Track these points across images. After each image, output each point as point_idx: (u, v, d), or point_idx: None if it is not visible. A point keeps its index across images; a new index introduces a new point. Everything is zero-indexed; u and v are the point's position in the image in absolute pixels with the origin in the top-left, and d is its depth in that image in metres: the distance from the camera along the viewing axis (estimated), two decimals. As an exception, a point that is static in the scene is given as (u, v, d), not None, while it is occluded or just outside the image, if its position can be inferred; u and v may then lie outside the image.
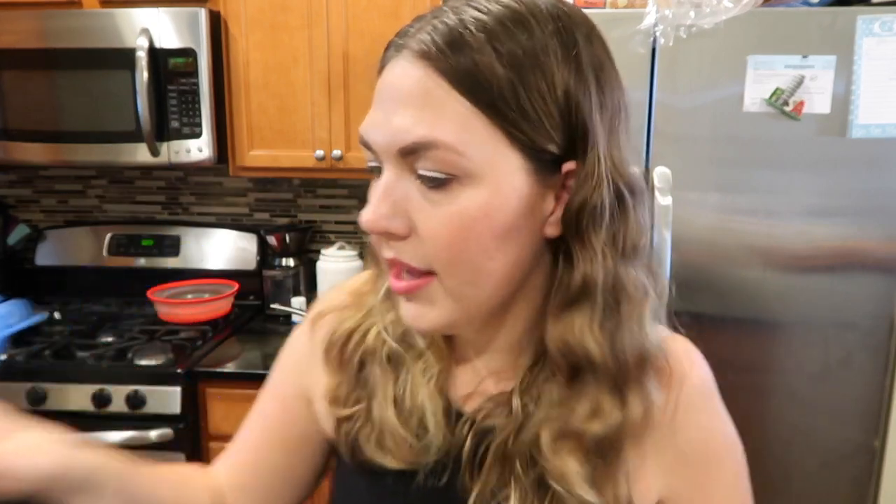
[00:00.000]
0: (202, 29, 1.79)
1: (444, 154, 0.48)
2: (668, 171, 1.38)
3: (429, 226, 0.49)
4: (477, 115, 0.48)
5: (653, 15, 1.34)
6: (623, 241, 0.52)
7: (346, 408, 0.62)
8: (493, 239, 0.50)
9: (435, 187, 0.49)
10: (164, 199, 2.30)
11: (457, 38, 0.48)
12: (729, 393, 1.57)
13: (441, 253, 0.50)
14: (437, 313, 0.53)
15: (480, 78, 0.47)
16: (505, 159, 0.49)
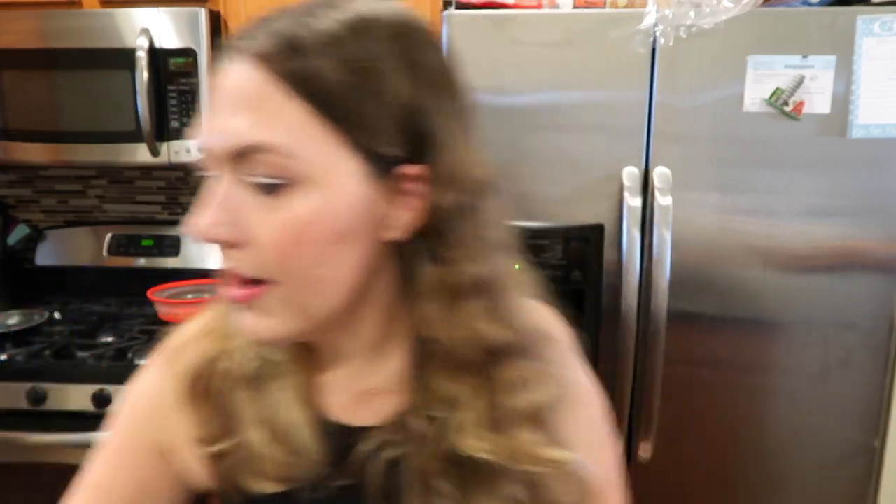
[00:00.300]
0: (202, 29, 1.79)
1: (277, 158, 0.47)
2: (668, 171, 1.38)
3: (262, 232, 0.48)
4: (314, 119, 0.47)
5: (653, 15, 1.34)
6: (487, 234, 0.54)
7: (218, 444, 0.58)
8: (329, 244, 0.49)
9: (269, 193, 0.48)
10: (164, 199, 2.30)
11: (297, 42, 0.47)
12: (729, 393, 1.58)
13: (275, 260, 0.49)
14: (275, 323, 0.52)
15: (318, 82, 0.47)
16: (342, 164, 0.49)
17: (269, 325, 0.52)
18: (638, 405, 1.47)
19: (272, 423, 0.57)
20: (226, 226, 0.49)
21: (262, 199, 0.48)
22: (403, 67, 0.50)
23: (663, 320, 1.40)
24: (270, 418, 0.57)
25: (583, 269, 1.44)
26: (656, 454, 1.48)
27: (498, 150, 1.42)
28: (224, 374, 0.59)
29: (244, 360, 0.58)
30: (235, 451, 0.58)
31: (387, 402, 0.58)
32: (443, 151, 0.51)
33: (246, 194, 0.49)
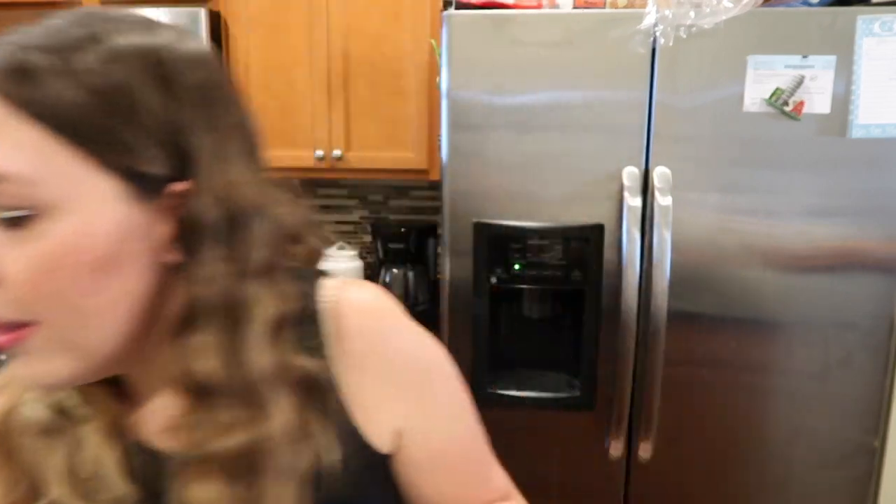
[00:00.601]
0: (202, 29, 1.79)
1: (16, 188, 0.44)
2: (668, 171, 1.38)
3: (14, 270, 0.44)
4: (57, 143, 0.44)
5: (653, 15, 1.34)
6: (244, 259, 0.50)
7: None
8: (92, 273, 0.46)
9: (15, 226, 0.44)
10: (163, 199, 2.30)
11: (29, 63, 0.45)
12: (729, 393, 1.58)
13: (33, 297, 0.45)
14: (52, 366, 0.48)
15: (58, 104, 0.44)
16: (94, 187, 0.46)
17: (46, 370, 0.48)
18: (638, 405, 1.47)
19: (77, 473, 0.53)
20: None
21: (8, 234, 0.44)
22: (157, 87, 0.47)
23: (663, 320, 1.40)
24: (75, 468, 0.53)
25: (583, 269, 1.44)
26: (656, 454, 1.48)
27: (498, 150, 1.43)
28: (22, 428, 0.55)
29: (38, 409, 0.54)
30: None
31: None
32: (205, 169, 0.49)
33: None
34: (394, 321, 0.59)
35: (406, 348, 0.59)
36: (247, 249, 0.51)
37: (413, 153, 1.90)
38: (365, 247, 2.28)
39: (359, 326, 0.57)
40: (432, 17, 1.80)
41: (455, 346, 1.50)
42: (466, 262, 1.47)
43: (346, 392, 0.56)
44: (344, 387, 0.56)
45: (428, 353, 0.61)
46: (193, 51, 0.51)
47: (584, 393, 1.49)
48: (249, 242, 0.51)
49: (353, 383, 0.56)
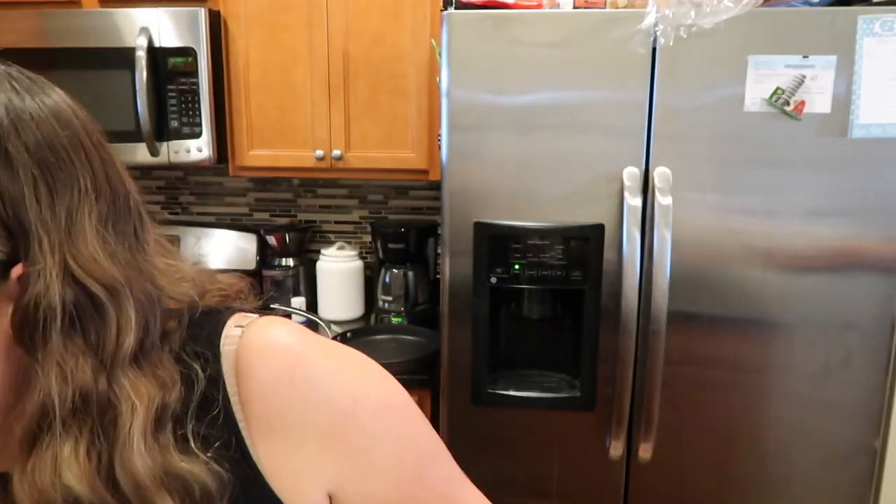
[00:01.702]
0: (202, 28, 1.79)
1: None
2: (669, 171, 1.38)
3: None
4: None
5: (653, 15, 1.34)
6: (101, 346, 0.44)
7: None
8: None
9: None
10: (163, 199, 2.30)
11: None
12: (729, 393, 1.58)
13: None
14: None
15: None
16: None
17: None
18: (638, 405, 1.47)
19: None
20: None
21: None
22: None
23: (663, 320, 1.40)
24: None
25: (583, 269, 1.44)
26: (656, 454, 1.48)
27: (498, 150, 1.42)
28: None
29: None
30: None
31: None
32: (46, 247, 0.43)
33: None
34: (310, 368, 0.51)
35: (328, 398, 0.51)
36: (106, 336, 0.44)
37: (413, 153, 1.90)
38: (365, 247, 2.28)
39: (264, 386, 0.49)
40: (432, 16, 1.80)
41: (455, 346, 1.50)
42: (466, 262, 1.47)
43: (262, 460, 0.49)
44: (259, 454, 0.49)
45: (358, 396, 0.52)
46: (35, 108, 0.45)
47: (584, 393, 1.49)
48: (108, 328, 0.45)
49: (268, 450, 0.49)
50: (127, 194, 0.49)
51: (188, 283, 0.53)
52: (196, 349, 0.50)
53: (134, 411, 0.44)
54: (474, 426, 1.52)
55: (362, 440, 0.51)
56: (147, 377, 0.46)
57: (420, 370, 1.73)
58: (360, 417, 0.51)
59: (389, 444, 0.53)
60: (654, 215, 1.37)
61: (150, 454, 0.44)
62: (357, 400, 0.52)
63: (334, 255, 2.10)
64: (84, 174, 0.46)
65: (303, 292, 2.16)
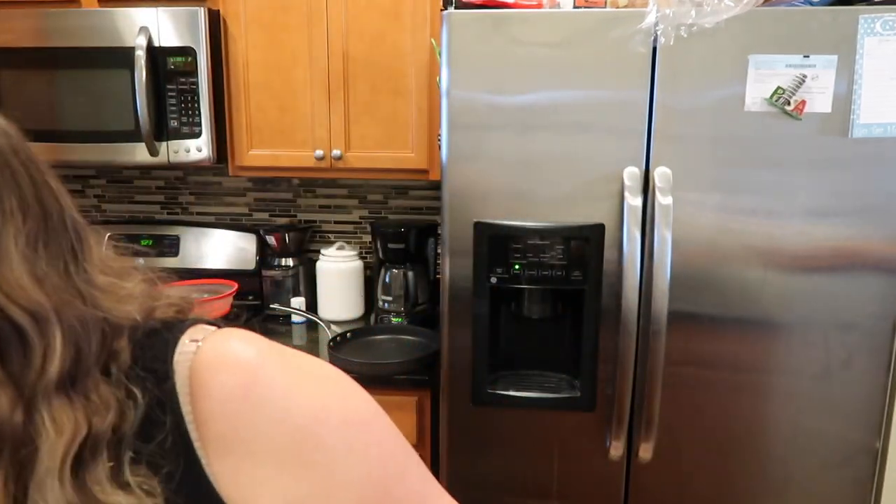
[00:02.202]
0: (201, 28, 1.79)
1: None
2: (669, 171, 1.38)
3: None
4: None
5: (653, 14, 1.34)
6: (22, 376, 0.42)
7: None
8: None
9: None
10: (163, 199, 2.30)
11: None
12: (729, 393, 1.58)
13: None
14: None
15: None
16: None
17: None
18: (638, 405, 1.46)
19: None
20: None
21: None
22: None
23: (663, 320, 1.39)
24: None
25: (583, 269, 1.44)
26: (656, 454, 1.48)
27: (498, 150, 1.42)
28: None
29: None
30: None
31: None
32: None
33: None
34: (267, 383, 0.49)
35: (286, 414, 0.48)
36: (27, 365, 0.42)
37: (413, 153, 1.90)
38: (365, 247, 2.27)
39: (219, 405, 0.47)
40: (432, 16, 1.80)
41: (455, 346, 1.50)
42: (466, 262, 1.46)
43: (219, 481, 0.48)
44: (216, 475, 0.48)
45: (318, 411, 0.49)
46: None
47: (584, 393, 1.49)
48: (31, 357, 0.42)
49: (224, 470, 0.47)
50: (61, 212, 0.47)
51: (135, 300, 0.50)
52: (146, 367, 0.47)
53: (53, 445, 0.42)
54: (474, 426, 1.52)
55: (323, 457, 0.49)
56: (75, 406, 0.43)
57: (420, 370, 1.73)
58: (320, 434, 0.49)
59: (353, 460, 0.50)
60: (655, 215, 1.37)
61: (73, 491, 0.42)
62: (317, 417, 0.49)
63: (334, 255, 2.10)
64: (10, 195, 0.44)
65: (302, 292, 2.16)
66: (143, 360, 0.48)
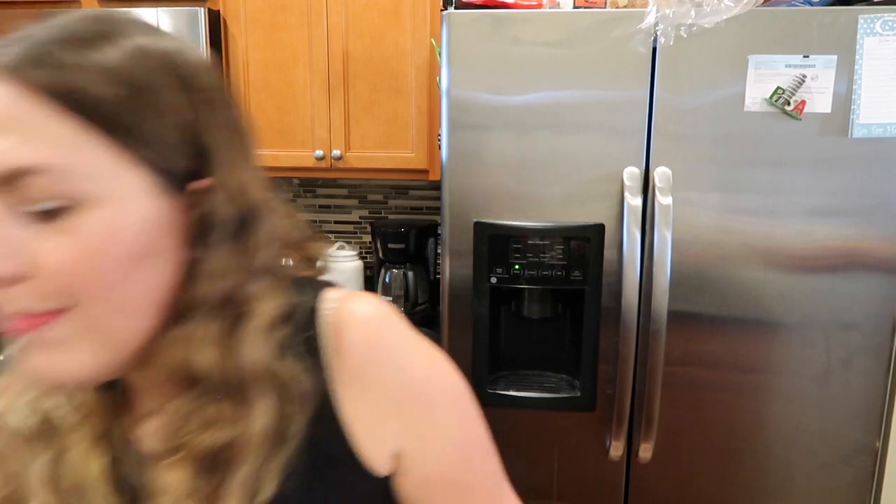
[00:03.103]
0: (201, 28, 1.79)
1: (51, 180, 0.43)
2: (669, 171, 1.38)
3: (49, 260, 0.44)
4: (88, 135, 0.45)
5: (653, 14, 1.34)
6: (250, 257, 0.51)
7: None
8: (129, 262, 0.46)
9: (49, 219, 0.44)
10: (163, 199, 2.30)
11: (56, 54, 0.45)
12: (729, 393, 1.58)
13: (68, 287, 0.45)
14: (77, 359, 0.46)
15: (87, 96, 0.44)
16: (128, 180, 0.46)
17: (67, 364, 0.46)
18: (638, 405, 1.46)
19: (60, 482, 0.52)
20: (3, 259, 0.43)
21: (41, 226, 0.44)
22: (178, 85, 0.49)
23: (663, 320, 1.39)
24: (58, 477, 0.52)
25: (583, 269, 1.44)
26: (656, 454, 1.48)
27: (498, 149, 1.42)
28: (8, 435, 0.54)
29: (25, 417, 0.53)
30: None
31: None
32: (221, 168, 0.50)
33: (19, 223, 0.44)
34: (395, 338, 0.57)
35: (406, 366, 0.57)
36: (254, 247, 0.52)
37: (413, 153, 1.90)
38: (365, 247, 2.27)
39: (358, 341, 0.55)
40: (432, 16, 1.80)
41: (455, 346, 1.50)
42: (466, 262, 1.46)
43: (342, 407, 0.55)
44: (341, 401, 0.54)
45: (431, 374, 0.58)
46: (200, 56, 0.52)
47: (584, 393, 1.49)
48: (256, 241, 0.52)
49: (350, 399, 0.55)
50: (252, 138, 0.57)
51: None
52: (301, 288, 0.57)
53: (261, 311, 0.52)
54: (474, 426, 1.52)
55: (429, 413, 0.57)
56: (273, 288, 0.53)
57: (420, 370, 1.73)
58: (430, 392, 0.57)
59: (451, 423, 0.58)
60: (655, 215, 1.37)
61: (266, 349, 0.51)
62: (429, 377, 0.58)
63: (334, 255, 2.10)
64: (235, 114, 0.54)
65: (302, 292, 2.16)
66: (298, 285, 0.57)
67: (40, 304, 0.45)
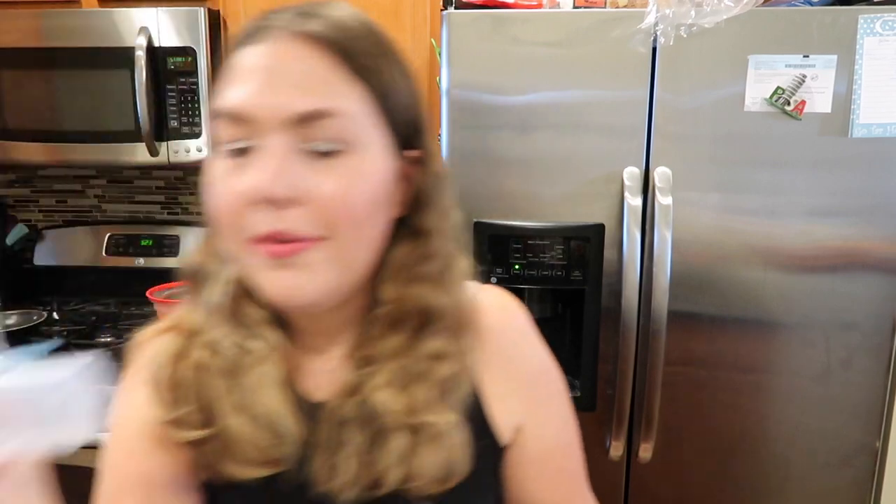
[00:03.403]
0: (201, 28, 1.79)
1: (338, 124, 0.53)
2: (669, 171, 1.38)
3: (323, 191, 0.52)
4: (362, 95, 0.54)
5: (653, 14, 1.34)
6: (448, 221, 0.61)
7: (196, 432, 0.58)
8: (374, 205, 0.55)
9: (324, 157, 0.53)
10: (163, 199, 2.30)
11: (344, 27, 0.55)
12: (729, 393, 1.58)
13: (332, 218, 0.53)
14: (323, 279, 0.54)
15: (365, 63, 0.54)
16: (379, 139, 0.56)
17: (314, 281, 0.54)
18: (638, 405, 1.46)
19: (253, 409, 0.57)
20: (284, 184, 0.51)
21: (317, 163, 0.53)
22: (404, 65, 0.58)
23: (663, 320, 1.39)
24: (251, 405, 0.57)
25: (583, 269, 1.44)
26: (656, 454, 1.48)
27: (498, 149, 1.42)
28: (197, 365, 0.59)
29: (219, 349, 0.59)
30: (214, 440, 0.58)
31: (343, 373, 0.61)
32: (425, 139, 0.59)
33: (298, 157, 0.52)
34: (524, 325, 0.68)
35: (532, 351, 0.68)
36: (449, 213, 0.61)
37: (413, 153, 1.90)
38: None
39: (494, 324, 0.65)
40: (432, 16, 1.80)
41: (455, 347, 1.50)
42: (466, 262, 1.46)
43: (482, 378, 0.63)
44: (481, 373, 0.63)
45: (548, 361, 0.69)
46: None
47: (585, 393, 1.49)
48: (448, 205, 0.61)
49: (490, 372, 0.63)
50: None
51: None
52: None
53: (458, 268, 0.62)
54: (474, 426, 1.52)
55: (547, 395, 0.68)
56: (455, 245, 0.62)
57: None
58: (551, 378, 0.68)
59: (564, 411, 0.70)
60: (655, 215, 1.37)
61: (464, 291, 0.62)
62: (550, 365, 0.69)
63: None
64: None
65: (302, 292, 2.16)
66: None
67: (305, 229, 0.52)
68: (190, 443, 0.59)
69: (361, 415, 0.57)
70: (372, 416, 0.57)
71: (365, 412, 0.57)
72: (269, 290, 0.54)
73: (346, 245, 0.54)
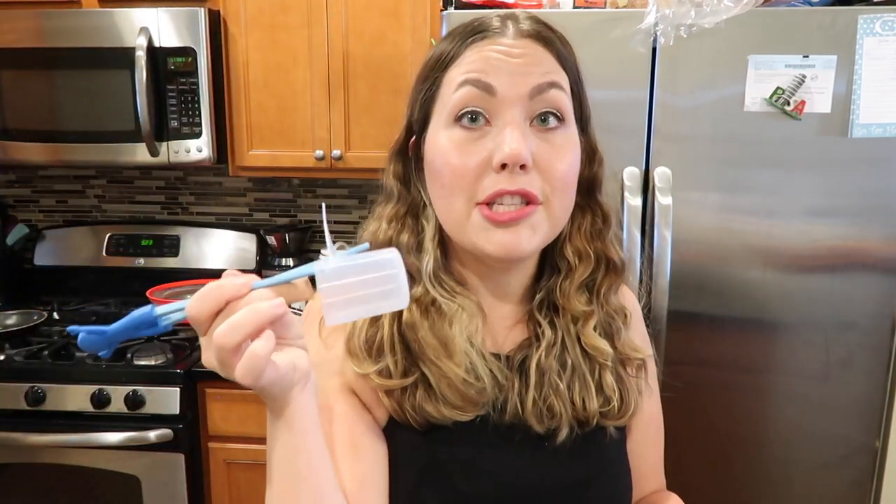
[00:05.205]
0: (202, 28, 1.79)
1: (561, 97, 0.64)
2: (669, 171, 1.38)
3: (549, 158, 0.63)
4: (565, 79, 0.65)
5: (653, 14, 1.34)
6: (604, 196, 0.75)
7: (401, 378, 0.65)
8: (575, 175, 0.66)
9: (548, 129, 0.63)
10: (163, 199, 2.30)
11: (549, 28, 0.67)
12: (729, 393, 1.57)
13: (558, 182, 0.63)
14: (535, 238, 0.64)
15: (566, 55, 0.66)
16: (573, 120, 0.66)
17: (528, 240, 0.63)
18: (638, 405, 1.46)
19: (454, 357, 0.64)
20: (529, 151, 0.61)
21: (541, 133, 0.63)
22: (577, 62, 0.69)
23: (663, 320, 1.39)
24: (454, 352, 0.65)
25: (583, 269, 1.44)
26: (656, 454, 1.48)
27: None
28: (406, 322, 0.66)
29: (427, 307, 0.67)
30: (416, 385, 0.65)
31: (518, 330, 0.71)
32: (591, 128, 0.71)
33: (528, 128, 0.63)
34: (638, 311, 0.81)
35: (641, 320, 0.81)
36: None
37: (413, 153, 1.90)
38: (365, 247, 2.27)
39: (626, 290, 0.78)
40: (432, 16, 1.80)
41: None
42: (466, 261, 1.46)
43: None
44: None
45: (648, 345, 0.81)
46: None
47: (585, 393, 1.49)
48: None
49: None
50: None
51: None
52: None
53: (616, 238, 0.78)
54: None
55: (651, 363, 0.77)
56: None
57: (420, 370, 1.73)
58: (650, 364, 0.78)
59: (655, 381, 0.81)
60: (655, 215, 1.37)
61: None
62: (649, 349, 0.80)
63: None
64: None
65: (303, 292, 2.16)
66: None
67: (536, 189, 0.62)
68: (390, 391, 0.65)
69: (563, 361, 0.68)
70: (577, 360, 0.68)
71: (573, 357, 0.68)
72: (491, 246, 0.63)
73: (559, 208, 0.64)
